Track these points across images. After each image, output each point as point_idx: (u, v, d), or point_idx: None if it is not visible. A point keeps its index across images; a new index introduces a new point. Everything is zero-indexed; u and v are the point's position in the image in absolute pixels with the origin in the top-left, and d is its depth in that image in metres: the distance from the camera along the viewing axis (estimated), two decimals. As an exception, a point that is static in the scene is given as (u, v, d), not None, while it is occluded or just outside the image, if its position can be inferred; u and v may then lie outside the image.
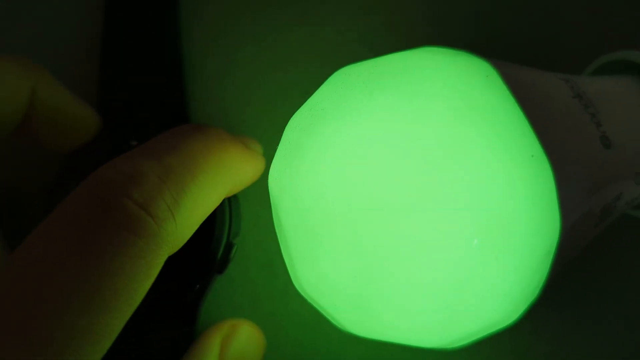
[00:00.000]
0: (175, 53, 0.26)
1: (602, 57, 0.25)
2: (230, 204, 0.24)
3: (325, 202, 0.19)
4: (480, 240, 0.18)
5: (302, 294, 0.21)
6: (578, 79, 0.22)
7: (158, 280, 0.24)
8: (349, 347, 0.26)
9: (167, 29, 0.27)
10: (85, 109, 0.25)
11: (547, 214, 0.18)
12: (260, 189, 0.27)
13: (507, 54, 0.28)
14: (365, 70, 0.20)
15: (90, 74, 0.27)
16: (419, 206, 0.18)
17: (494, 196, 0.18)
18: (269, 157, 0.27)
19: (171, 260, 0.24)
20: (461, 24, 0.28)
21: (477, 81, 0.19)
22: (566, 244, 0.19)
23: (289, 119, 0.27)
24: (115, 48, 0.26)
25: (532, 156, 0.18)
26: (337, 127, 0.19)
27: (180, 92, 0.26)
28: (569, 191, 0.19)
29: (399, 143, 0.18)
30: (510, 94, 0.19)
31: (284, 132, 0.21)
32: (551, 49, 0.27)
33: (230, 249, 0.24)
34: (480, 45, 0.28)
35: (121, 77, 0.25)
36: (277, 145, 0.26)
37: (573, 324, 0.26)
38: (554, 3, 0.28)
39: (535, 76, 0.21)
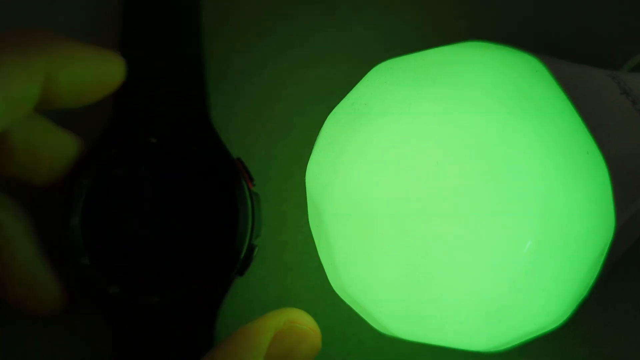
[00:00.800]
0: (195, 47, 0.25)
1: (641, 54, 0.25)
2: (252, 204, 0.24)
3: (373, 201, 0.18)
4: (535, 239, 0.17)
5: (340, 293, 0.21)
6: (623, 76, 0.22)
7: (178, 282, 0.23)
8: (382, 350, 0.25)
9: (186, 23, 0.26)
10: (64, 137, 0.23)
11: (602, 211, 0.18)
12: (288, 187, 0.26)
13: (539, 50, 0.27)
14: (410, 64, 0.19)
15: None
16: (471, 206, 0.17)
17: (549, 194, 0.17)
18: (299, 154, 0.27)
19: (192, 262, 0.23)
20: (491, 19, 0.27)
21: (526, 77, 0.19)
22: (618, 243, 0.19)
23: (319, 115, 0.26)
24: (133, 42, 0.25)
25: (587, 153, 0.18)
26: (384, 122, 0.18)
27: (200, 87, 0.25)
28: (622, 188, 0.18)
29: (450, 140, 0.17)
30: (561, 89, 0.19)
31: (323, 127, 0.20)
32: (586, 44, 0.27)
33: (252, 250, 0.24)
34: (512, 41, 0.27)
35: (138, 72, 0.25)
36: (309, 142, 0.26)
37: (610, 325, 0.25)
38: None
39: (582, 72, 0.21)
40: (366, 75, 0.20)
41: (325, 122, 0.20)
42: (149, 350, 0.23)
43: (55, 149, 0.23)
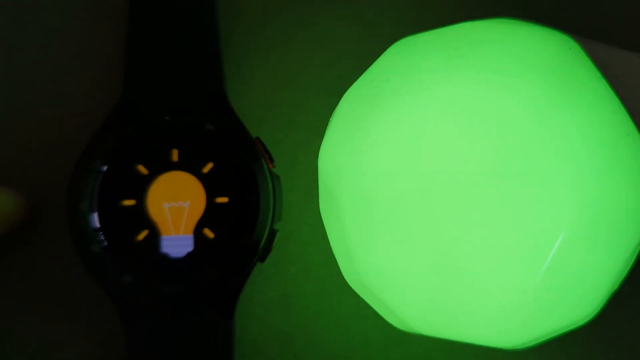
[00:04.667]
0: (210, 22, 0.24)
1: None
2: (273, 186, 0.22)
3: (395, 185, 0.17)
4: (571, 229, 0.16)
5: (353, 285, 0.19)
6: (654, 59, 0.21)
7: (200, 267, 0.22)
8: (389, 348, 0.24)
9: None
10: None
11: (642, 199, 0.16)
12: (293, 175, 0.25)
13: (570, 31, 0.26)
14: (435, 39, 0.18)
15: (115, 46, 0.25)
16: (504, 192, 0.16)
17: (587, 180, 0.16)
18: (306, 140, 0.26)
19: (211, 248, 0.22)
20: (511, 1, 0.26)
21: (560, 54, 0.17)
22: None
23: (326, 101, 0.25)
24: (146, 19, 0.24)
25: (628, 135, 0.16)
26: (411, 100, 0.17)
27: (216, 64, 0.24)
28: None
29: (482, 120, 0.16)
30: (596, 69, 0.17)
31: (339, 105, 0.19)
32: (617, 27, 0.25)
33: (274, 235, 0.22)
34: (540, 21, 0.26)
35: (151, 49, 0.23)
36: (316, 128, 0.25)
37: (628, 321, 0.24)
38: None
39: (615, 53, 0.19)
40: (386, 52, 0.19)
41: (341, 100, 0.19)
42: (164, 344, 0.22)
43: None
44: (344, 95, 0.19)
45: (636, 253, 0.17)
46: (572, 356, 0.24)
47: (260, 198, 0.22)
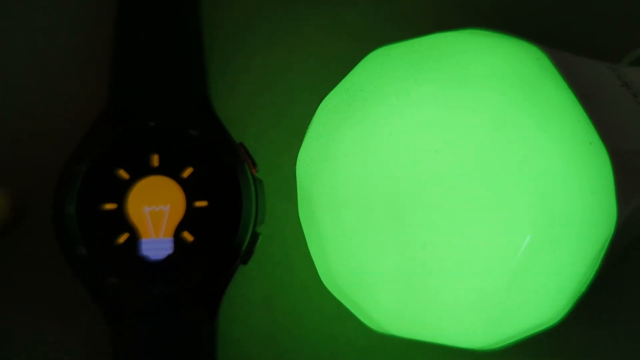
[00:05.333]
0: (194, 27, 0.24)
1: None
2: (256, 190, 0.23)
3: (367, 191, 0.17)
4: (535, 233, 0.16)
5: (331, 288, 0.20)
6: (622, 69, 0.21)
7: (181, 270, 0.22)
8: (371, 349, 0.25)
9: (185, 3, 0.25)
10: None
11: (604, 204, 0.17)
12: (276, 178, 0.26)
13: (537, 42, 0.27)
14: (407, 49, 0.18)
15: (105, 50, 0.26)
16: (469, 198, 0.17)
17: (550, 186, 0.16)
18: (289, 144, 0.26)
19: (194, 250, 0.22)
20: (492, 9, 0.27)
21: (527, 64, 0.18)
22: (619, 238, 0.18)
23: (310, 105, 0.25)
24: (130, 22, 0.24)
25: (590, 144, 0.17)
26: (381, 108, 0.17)
27: (200, 68, 0.24)
28: (625, 181, 0.18)
29: (448, 130, 0.17)
30: (563, 78, 0.18)
31: (316, 114, 0.20)
32: (584, 38, 0.26)
33: (256, 238, 0.23)
34: (511, 32, 0.27)
35: (137, 53, 0.24)
36: (299, 132, 0.25)
37: (606, 323, 0.25)
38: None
39: (583, 62, 0.20)
40: (361, 61, 0.20)
41: (318, 109, 0.20)
42: (149, 344, 0.22)
43: None
44: (321, 104, 0.20)
45: (600, 257, 0.18)
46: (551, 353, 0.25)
47: (242, 202, 0.22)
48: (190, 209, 0.23)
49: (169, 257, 0.23)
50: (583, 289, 0.18)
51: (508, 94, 0.17)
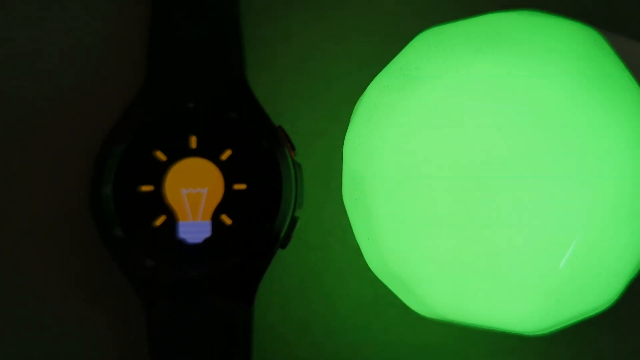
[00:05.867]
0: (232, 10, 0.24)
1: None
2: (295, 174, 0.22)
3: (426, 165, 0.17)
4: (597, 215, 0.16)
5: (378, 272, 0.20)
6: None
7: (219, 253, 0.22)
8: (408, 337, 0.24)
9: None
10: None
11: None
12: (312, 164, 0.25)
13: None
14: (463, 29, 0.18)
15: (143, 31, 0.25)
16: (530, 179, 0.16)
17: (618, 169, 0.16)
18: (325, 129, 0.26)
19: (233, 234, 0.22)
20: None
21: (586, 46, 0.18)
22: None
23: (346, 90, 0.25)
24: (168, 4, 0.24)
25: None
26: (438, 88, 0.17)
27: (238, 51, 0.24)
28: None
29: (511, 109, 0.16)
30: (622, 62, 0.18)
31: (365, 92, 0.19)
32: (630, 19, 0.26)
33: (295, 222, 0.22)
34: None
35: (173, 35, 0.23)
36: (335, 117, 0.25)
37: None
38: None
39: (637, 46, 0.20)
40: (413, 40, 0.19)
41: (368, 87, 0.19)
42: (185, 329, 0.22)
43: None
44: (371, 83, 0.19)
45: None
46: (583, 345, 0.25)
47: (282, 185, 0.22)
48: (228, 192, 0.22)
49: (206, 240, 0.22)
50: (636, 272, 0.18)
51: (572, 73, 0.17)
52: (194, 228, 0.23)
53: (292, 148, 0.23)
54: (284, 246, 0.22)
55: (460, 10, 0.27)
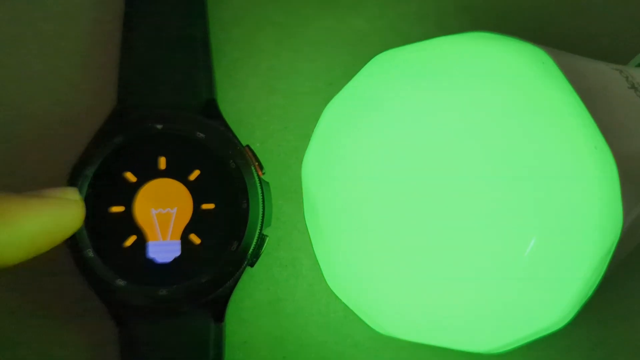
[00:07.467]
0: (201, 31, 0.25)
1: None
2: (262, 193, 0.23)
3: (371, 195, 0.17)
4: (540, 237, 0.16)
5: (336, 291, 0.20)
6: (630, 70, 0.21)
7: (188, 272, 0.23)
8: (377, 351, 0.25)
9: (192, 6, 0.25)
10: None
11: (610, 209, 0.17)
12: (283, 182, 0.26)
13: (543, 44, 0.27)
14: (411, 53, 0.19)
15: (111, 54, 0.26)
16: (474, 202, 0.17)
17: (555, 190, 0.16)
18: (296, 147, 0.26)
19: (201, 253, 0.23)
20: (494, 13, 0.27)
21: (532, 68, 0.18)
22: (624, 243, 0.18)
23: (316, 108, 0.25)
24: (138, 26, 0.24)
25: (595, 148, 0.17)
26: (386, 114, 0.17)
27: (207, 72, 0.24)
28: (631, 186, 0.17)
29: (455, 134, 0.17)
30: (568, 82, 0.18)
31: (321, 119, 0.20)
32: (590, 40, 0.26)
33: (263, 241, 0.23)
34: (517, 34, 0.27)
35: (144, 57, 0.24)
36: (306, 135, 0.25)
37: (612, 326, 0.25)
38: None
39: (588, 65, 0.20)
40: (366, 65, 0.20)
41: (324, 112, 0.20)
42: (157, 347, 0.23)
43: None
44: (326, 107, 0.20)
45: (606, 262, 0.18)
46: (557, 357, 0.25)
47: (249, 204, 0.22)
48: (197, 212, 0.23)
49: (176, 259, 0.23)
50: (589, 293, 0.18)
51: (513, 97, 0.17)
52: (164, 248, 0.23)
53: (260, 167, 0.23)
54: (252, 264, 0.23)
55: (427, 28, 0.27)
